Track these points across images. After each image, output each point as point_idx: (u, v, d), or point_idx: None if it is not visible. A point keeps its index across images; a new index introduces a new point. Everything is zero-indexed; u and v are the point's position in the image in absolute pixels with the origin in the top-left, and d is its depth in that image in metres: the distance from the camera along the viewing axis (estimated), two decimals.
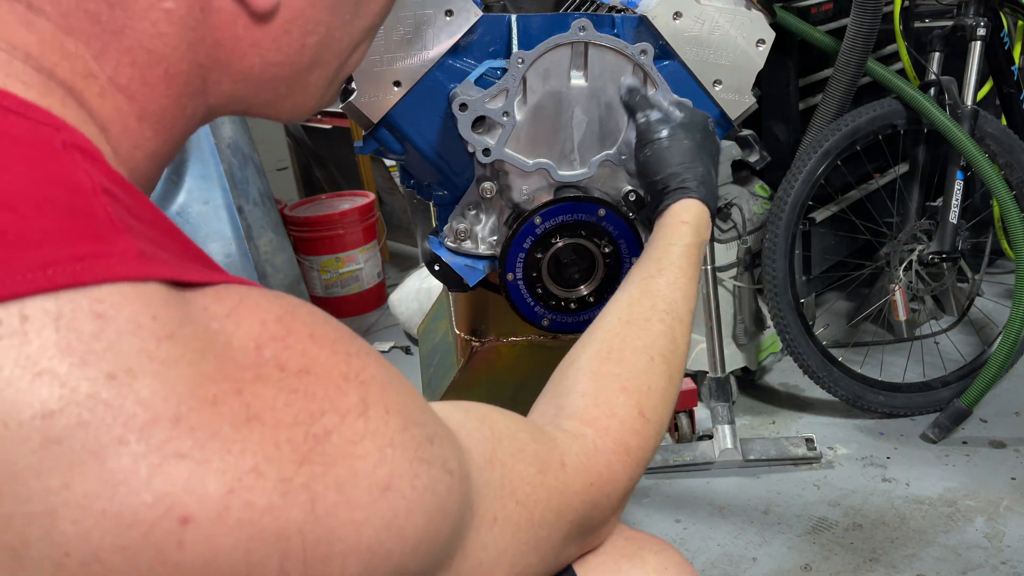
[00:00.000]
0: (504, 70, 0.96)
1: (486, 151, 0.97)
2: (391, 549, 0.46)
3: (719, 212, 2.25)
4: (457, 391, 1.21)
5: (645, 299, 0.77)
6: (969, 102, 2.13)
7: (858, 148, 2.18)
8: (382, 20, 0.60)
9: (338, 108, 0.95)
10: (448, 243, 1.06)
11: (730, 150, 2.28)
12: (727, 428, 2.06)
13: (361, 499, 0.45)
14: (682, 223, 0.84)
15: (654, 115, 0.93)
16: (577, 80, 0.97)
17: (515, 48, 0.98)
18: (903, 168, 2.41)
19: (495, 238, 1.05)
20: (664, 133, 0.91)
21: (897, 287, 2.30)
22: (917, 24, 2.28)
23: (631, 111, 0.95)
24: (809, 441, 2.08)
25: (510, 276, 1.01)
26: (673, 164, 0.88)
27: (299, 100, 0.58)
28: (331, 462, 0.44)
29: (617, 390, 0.70)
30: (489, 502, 0.55)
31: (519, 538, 0.57)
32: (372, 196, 3.21)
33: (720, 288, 2.18)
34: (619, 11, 1.05)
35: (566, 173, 1.00)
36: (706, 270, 2.09)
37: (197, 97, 0.52)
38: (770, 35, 1.02)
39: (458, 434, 0.55)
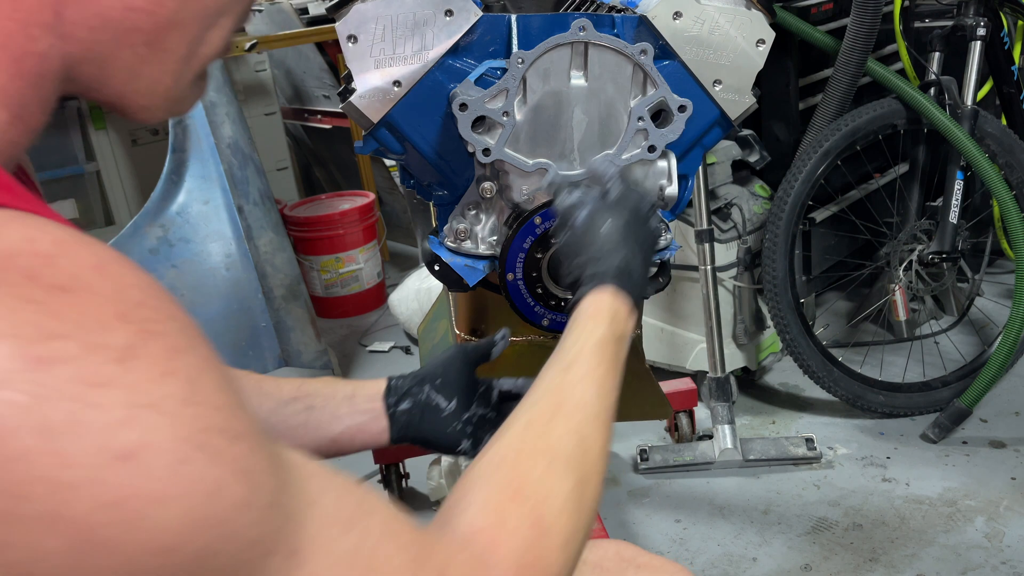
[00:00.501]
0: (504, 70, 0.96)
1: (486, 151, 0.97)
2: (116, 539, 0.39)
3: (718, 212, 2.25)
4: None
5: (550, 397, 0.69)
6: (969, 102, 2.13)
7: (858, 148, 2.18)
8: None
9: (338, 108, 0.95)
10: (448, 243, 1.06)
11: (730, 150, 2.28)
12: (727, 428, 2.06)
13: (77, 456, 0.38)
14: (591, 318, 0.76)
15: (571, 198, 0.85)
16: (577, 80, 0.97)
17: (515, 48, 0.98)
18: (903, 168, 2.41)
19: (495, 238, 1.05)
20: (580, 217, 0.83)
21: (897, 287, 2.30)
22: (917, 24, 2.29)
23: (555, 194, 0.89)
24: (809, 441, 2.08)
25: (510, 276, 1.01)
26: (587, 252, 0.80)
27: (157, 71, 0.54)
28: (46, 396, 0.38)
29: (508, 499, 0.61)
30: (329, 563, 0.48)
31: None
32: (372, 196, 3.21)
33: (720, 288, 2.18)
34: (619, 11, 1.05)
35: (566, 173, 1.00)
36: (706, 270, 2.09)
37: (50, 37, 0.49)
38: (770, 35, 1.02)
39: (310, 477, 0.50)
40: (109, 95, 0.54)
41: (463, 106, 0.94)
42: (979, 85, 2.16)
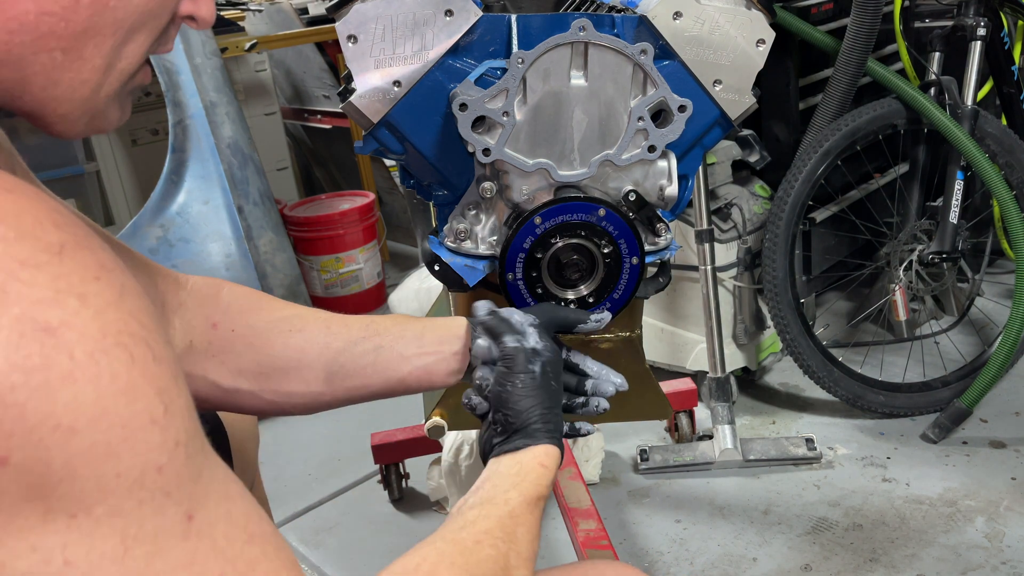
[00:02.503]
0: (504, 70, 0.96)
1: (486, 151, 0.97)
2: (22, 404, 0.41)
3: (718, 212, 2.25)
4: (457, 391, 1.21)
5: (481, 522, 0.69)
6: (969, 102, 2.13)
7: (858, 148, 2.18)
8: (161, 9, 0.58)
9: (338, 108, 0.95)
10: (448, 243, 1.06)
11: (730, 150, 2.28)
12: (727, 428, 2.06)
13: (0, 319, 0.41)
14: (541, 466, 0.78)
15: (510, 342, 0.85)
16: (577, 80, 0.97)
17: (515, 48, 0.98)
18: (903, 168, 2.41)
19: (495, 238, 1.05)
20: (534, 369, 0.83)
21: (897, 287, 2.30)
22: (917, 24, 2.28)
23: (493, 335, 0.87)
24: (809, 441, 2.08)
25: (510, 276, 1.01)
26: (527, 406, 0.81)
27: (74, 79, 0.55)
28: None
29: None
30: (219, 554, 0.47)
31: None
32: (372, 196, 3.21)
33: (720, 288, 2.18)
34: (619, 11, 1.05)
35: (566, 173, 1.00)
36: (706, 270, 2.09)
37: None
38: (770, 35, 1.02)
39: (232, 481, 0.50)
40: (29, 102, 0.55)
41: (463, 106, 0.94)
42: (979, 85, 2.16)
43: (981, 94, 2.27)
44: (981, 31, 2.15)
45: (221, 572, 0.47)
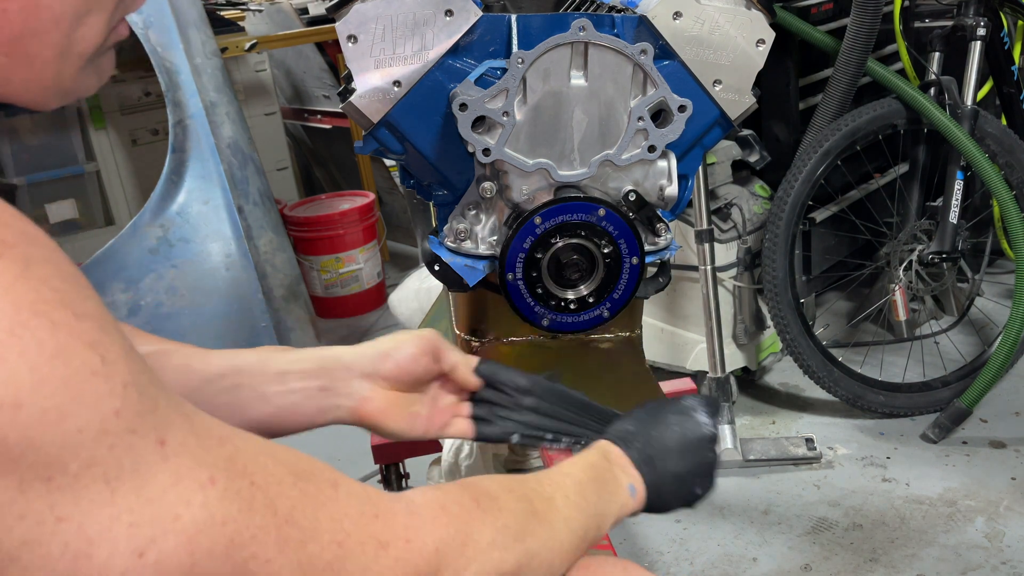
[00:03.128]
0: (504, 70, 0.96)
1: (486, 151, 0.97)
2: None
3: (718, 212, 2.25)
4: None
5: (529, 475, 0.74)
6: (969, 102, 2.13)
7: (858, 148, 2.18)
8: None
9: (338, 108, 0.95)
10: (448, 243, 1.06)
11: (730, 150, 2.28)
12: (727, 428, 2.06)
13: None
14: (589, 449, 0.83)
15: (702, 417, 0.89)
16: (577, 80, 0.97)
17: (515, 48, 0.98)
18: (903, 168, 2.41)
19: (495, 238, 1.05)
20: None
21: (897, 287, 2.30)
22: (917, 24, 2.28)
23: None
24: (809, 441, 2.08)
25: (510, 276, 1.01)
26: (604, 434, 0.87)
27: (28, 75, 0.55)
28: None
29: (455, 487, 0.65)
30: (199, 464, 0.49)
31: (243, 519, 0.50)
32: (372, 196, 3.21)
33: (720, 288, 2.18)
34: (619, 11, 1.05)
35: (566, 173, 1.00)
36: (706, 270, 2.09)
37: None
38: (770, 35, 1.02)
39: (184, 402, 0.52)
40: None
41: (463, 106, 0.94)
42: (979, 85, 2.16)
43: (981, 94, 2.27)
44: (981, 31, 2.15)
45: (210, 477, 0.49)
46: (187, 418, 0.51)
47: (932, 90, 2.16)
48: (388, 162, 3.29)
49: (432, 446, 2.04)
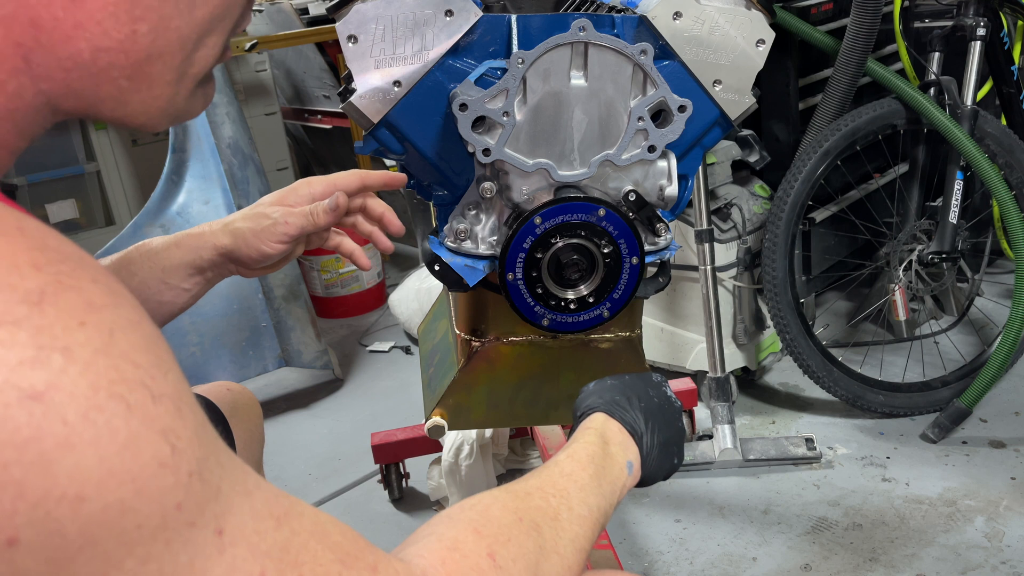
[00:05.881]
0: (504, 70, 0.96)
1: (486, 151, 0.97)
2: (22, 481, 0.38)
3: (718, 212, 2.25)
4: (457, 391, 1.21)
5: (533, 480, 0.73)
6: (969, 102, 2.13)
7: (858, 148, 2.18)
8: (228, 11, 0.56)
9: (338, 108, 0.95)
10: (448, 243, 1.06)
11: (730, 150, 2.28)
12: (727, 428, 2.06)
13: None
14: (586, 429, 0.82)
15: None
16: (577, 80, 0.97)
17: (515, 48, 0.98)
18: (903, 168, 2.41)
19: (495, 238, 1.05)
20: (591, 384, 0.90)
21: (897, 287, 2.30)
22: (917, 24, 2.28)
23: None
24: (809, 441, 2.08)
25: (510, 276, 1.01)
26: (589, 396, 0.88)
27: (146, 97, 0.54)
28: None
29: (469, 531, 0.63)
30: (254, 553, 0.47)
31: None
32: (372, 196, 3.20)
33: (720, 288, 2.18)
34: (619, 11, 1.06)
35: (566, 173, 1.00)
36: (706, 270, 2.09)
37: (21, 77, 0.49)
38: (770, 35, 1.02)
39: (247, 473, 0.49)
40: (104, 119, 0.55)
41: (463, 106, 0.94)
42: (979, 85, 2.16)
43: (981, 94, 2.27)
44: (981, 31, 2.15)
45: (261, 570, 0.48)
46: (247, 496, 0.49)
47: (932, 90, 2.16)
48: (388, 162, 3.29)
49: (432, 446, 2.04)
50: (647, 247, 1.05)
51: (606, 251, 1.01)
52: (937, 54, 2.21)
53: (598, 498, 0.75)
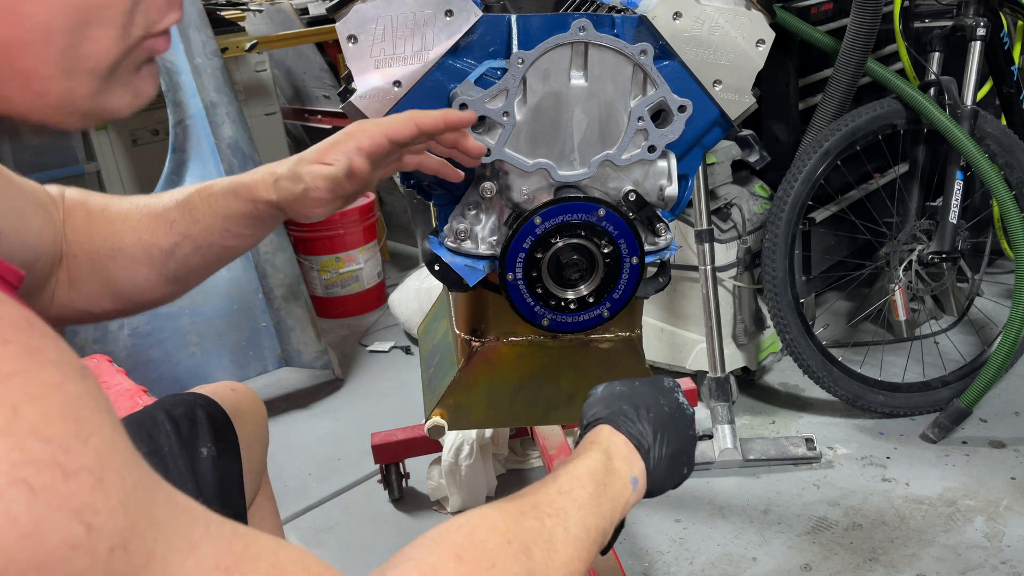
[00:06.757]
0: (504, 70, 0.96)
1: (486, 151, 0.97)
2: None
3: (718, 212, 2.25)
4: (457, 391, 1.21)
5: (529, 497, 0.70)
6: (969, 102, 2.13)
7: (858, 148, 2.18)
8: (105, 1, 0.52)
9: (338, 108, 0.95)
10: (448, 243, 1.06)
11: (730, 150, 2.28)
12: (727, 428, 2.06)
13: None
14: (590, 443, 0.79)
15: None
16: (577, 80, 0.97)
17: (515, 48, 0.98)
18: (903, 168, 2.41)
19: (495, 238, 1.05)
20: (599, 388, 0.87)
21: (897, 287, 2.30)
22: (917, 24, 2.28)
23: None
24: (809, 441, 2.08)
25: (510, 276, 1.01)
26: (595, 406, 0.84)
27: (27, 93, 0.51)
28: None
29: (451, 557, 0.60)
30: None
31: None
32: (372, 196, 3.21)
33: (720, 288, 2.18)
34: (619, 11, 1.06)
35: (566, 173, 1.00)
36: (706, 270, 2.09)
37: None
38: (770, 35, 1.02)
39: (193, 522, 0.47)
40: (4, 114, 0.52)
41: (463, 106, 0.94)
42: (979, 85, 2.16)
43: (981, 94, 2.27)
44: (981, 31, 2.15)
45: None
46: (192, 551, 0.46)
47: (932, 90, 2.16)
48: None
49: (432, 446, 2.04)
50: (647, 247, 1.05)
51: (606, 251, 1.01)
52: (937, 54, 2.21)
53: (596, 518, 0.72)
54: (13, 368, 0.40)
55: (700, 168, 2.06)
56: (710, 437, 2.09)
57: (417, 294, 2.79)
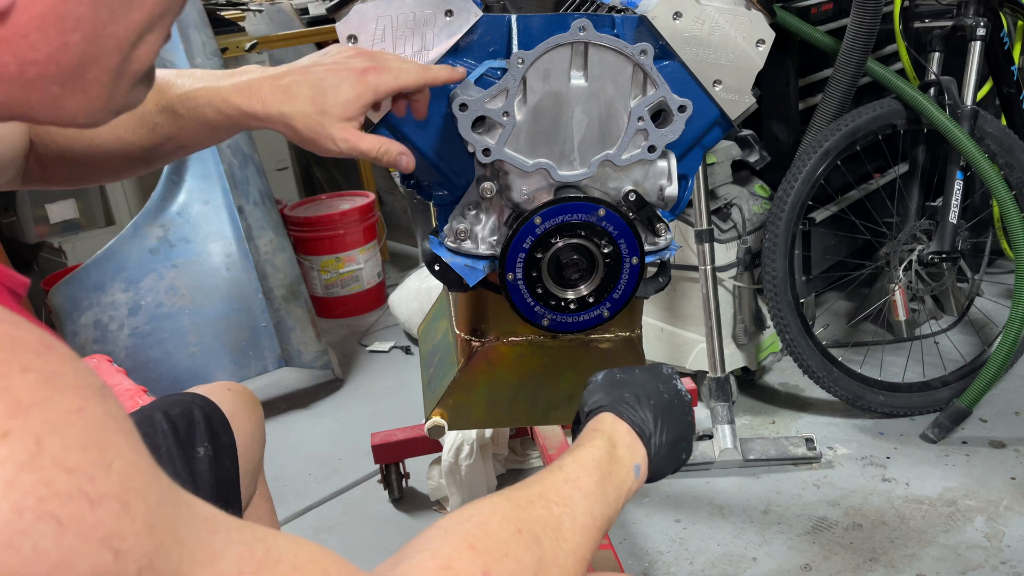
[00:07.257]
0: (504, 70, 0.96)
1: (486, 151, 0.97)
2: None
3: (718, 212, 2.25)
4: (457, 391, 1.21)
5: (536, 486, 0.71)
6: (969, 102, 2.13)
7: (858, 148, 2.18)
8: (169, 7, 0.54)
9: None
10: (448, 243, 1.06)
11: (730, 150, 2.28)
12: (727, 428, 2.06)
13: None
14: (593, 431, 0.80)
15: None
16: (577, 80, 0.97)
17: (515, 48, 0.98)
18: (903, 168, 2.41)
19: (495, 238, 1.05)
20: (599, 375, 0.88)
21: (897, 287, 2.30)
22: (917, 24, 2.29)
23: None
24: (809, 441, 2.08)
25: (510, 276, 1.01)
26: (597, 393, 0.85)
27: (82, 101, 0.53)
28: None
29: (464, 547, 0.61)
30: None
31: None
32: (372, 196, 3.21)
33: (720, 288, 2.18)
34: (619, 11, 1.06)
35: (566, 173, 1.00)
36: (706, 270, 2.09)
37: None
38: (770, 35, 1.02)
39: (214, 532, 0.47)
40: (40, 123, 0.55)
41: (463, 106, 0.94)
42: (979, 85, 2.16)
43: (981, 94, 2.27)
44: (981, 31, 2.15)
45: None
46: (213, 563, 0.46)
47: (932, 90, 2.16)
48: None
49: (432, 446, 2.04)
50: (647, 247, 1.05)
51: (606, 251, 1.01)
52: (937, 54, 2.21)
53: (602, 506, 0.73)
54: (34, 398, 0.39)
55: (700, 168, 2.06)
56: (710, 437, 2.10)
57: (417, 294, 2.79)
